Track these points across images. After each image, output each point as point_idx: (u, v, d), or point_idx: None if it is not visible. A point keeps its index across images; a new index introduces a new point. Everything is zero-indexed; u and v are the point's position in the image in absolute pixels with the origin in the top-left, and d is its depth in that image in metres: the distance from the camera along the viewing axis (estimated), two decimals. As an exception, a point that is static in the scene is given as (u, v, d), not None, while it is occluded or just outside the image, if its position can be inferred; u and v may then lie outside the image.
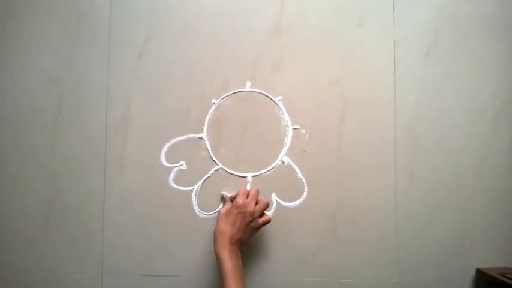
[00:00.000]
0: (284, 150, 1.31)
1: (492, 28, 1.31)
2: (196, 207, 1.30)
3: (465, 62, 1.31)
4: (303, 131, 1.31)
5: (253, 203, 1.16)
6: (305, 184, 1.29)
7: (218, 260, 1.09)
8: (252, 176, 1.30)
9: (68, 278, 1.31)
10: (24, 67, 1.36)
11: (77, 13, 1.36)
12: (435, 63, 1.31)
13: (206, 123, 1.32)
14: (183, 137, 1.31)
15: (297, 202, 1.29)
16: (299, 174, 1.30)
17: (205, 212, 1.30)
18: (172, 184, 1.31)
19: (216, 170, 1.31)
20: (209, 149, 1.32)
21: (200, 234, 1.29)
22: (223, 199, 1.28)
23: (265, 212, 1.21)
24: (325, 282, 1.27)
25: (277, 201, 1.29)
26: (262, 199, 1.21)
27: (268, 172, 1.31)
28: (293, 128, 1.31)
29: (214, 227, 1.15)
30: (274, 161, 1.31)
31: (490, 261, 1.26)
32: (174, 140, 1.31)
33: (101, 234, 1.31)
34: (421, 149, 1.29)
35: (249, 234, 1.16)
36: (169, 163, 1.31)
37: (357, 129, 1.30)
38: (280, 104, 1.32)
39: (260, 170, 1.30)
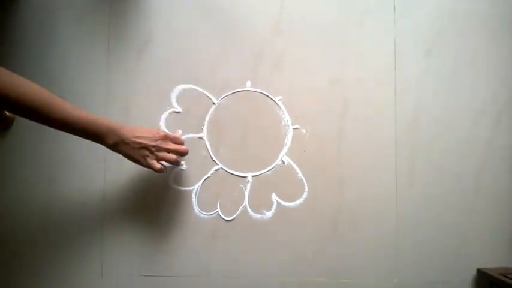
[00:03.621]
0: (284, 150, 1.30)
1: (493, 27, 1.31)
2: (196, 207, 1.30)
3: (466, 61, 1.30)
4: (303, 130, 1.31)
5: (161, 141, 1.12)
6: (305, 184, 1.29)
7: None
8: (252, 176, 1.30)
9: (68, 278, 1.31)
10: (24, 67, 1.36)
11: (76, 12, 1.36)
12: (436, 63, 1.30)
13: (206, 123, 1.32)
14: (183, 137, 1.30)
15: (297, 202, 1.29)
16: (299, 174, 1.29)
17: (205, 212, 1.30)
18: (172, 184, 1.31)
19: (216, 170, 1.31)
20: (209, 149, 1.31)
21: (200, 234, 1.29)
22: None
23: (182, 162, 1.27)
24: (325, 282, 1.27)
25: (277, 201, 1.29)
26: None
27: (268, 172, 1.30)
28: (293, 128, 1.31)
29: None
30: (274, 161, 1.30)
31: (491, 262, 1.26)
32: (174, 140, 1.31)
33: (100, 234, 1.31)
34: (422, 149, 1.29)
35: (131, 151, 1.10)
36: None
37: (357, 129, 1.30)
38: (280, 103, 1.31)
39: (260, 170, 1.30)
